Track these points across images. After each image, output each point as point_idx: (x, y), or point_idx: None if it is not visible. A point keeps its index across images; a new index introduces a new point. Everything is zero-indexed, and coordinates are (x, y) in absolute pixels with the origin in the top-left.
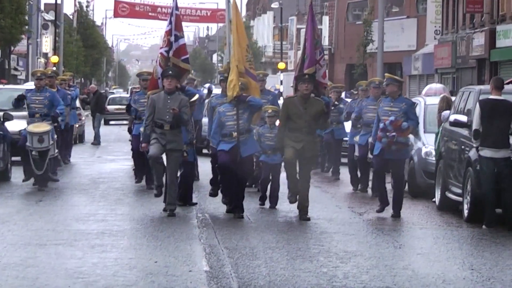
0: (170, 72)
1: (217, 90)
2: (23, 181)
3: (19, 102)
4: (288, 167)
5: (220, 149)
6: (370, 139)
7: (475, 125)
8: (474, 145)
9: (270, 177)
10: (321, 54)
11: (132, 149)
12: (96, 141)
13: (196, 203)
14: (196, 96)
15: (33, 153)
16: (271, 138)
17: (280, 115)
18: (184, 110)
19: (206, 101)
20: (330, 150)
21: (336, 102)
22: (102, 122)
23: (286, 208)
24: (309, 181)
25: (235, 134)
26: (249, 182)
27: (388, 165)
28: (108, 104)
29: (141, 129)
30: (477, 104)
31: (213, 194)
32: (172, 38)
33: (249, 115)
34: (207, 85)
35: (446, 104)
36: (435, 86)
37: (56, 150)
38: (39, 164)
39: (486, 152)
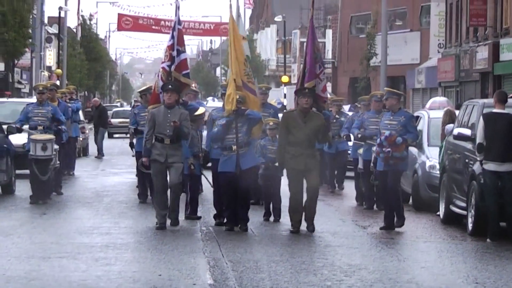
0: (170, 86)
1: (219, 104)
2: (30, 203)
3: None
4: (293, 181)
5: (223, 171)
6: (373, 153)
7: (478, 138)
8: (478, 159)
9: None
10: (321, 68)
11: (137, 167)
12: (100, 155)
13: (200, 217)
14: (202, 110)
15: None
16: (273, 150)
17: (280, 129)
18: (185, 124)
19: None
20: (334, 164)
21: (336, 116)
22: (106, 135)
23: (290, 221)
24: (316, 195)
25: (234, 147)
26: (254, 199)
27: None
28: (112, 117)
29: None
30: (481, 118)
31: (220, 223)
32: (174, 53)
33: (248, 128)
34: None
35: (449, 117)
36: (439, 99)
37: (58, 162)
38: (43, 170)
39: (490, 166)
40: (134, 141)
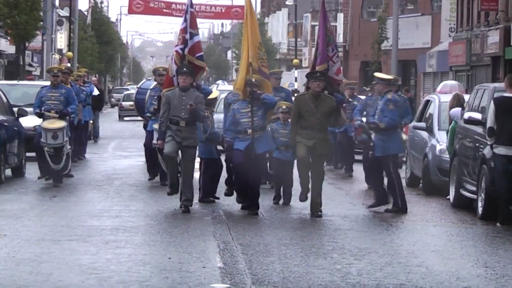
0: (185, 69)
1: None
2: (39, 178)
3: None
4: (300, 165)
5: (235, 148)
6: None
7: (489, 122)
8: (489, 143)
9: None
10: (334, 50)
11: (144, 145)
12: (96, 138)
13: (219, 198)
14: (216, 93)
15: (46, 149)
16: (285, 134)
17: (292, 112)
18: (200, 107)
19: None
20: (343, 147)
21: (349, 99)
22: (117, 117)
23: (300, 205)
24: (322, 178)
25: (249, 131)
26: (263, 179)
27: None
28: (123, 100)
29: (155, 125)
30: (492, 102)
31: (228, 193)
32: (187, 36)
33: (263, 113)
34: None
35: (457, 101)
36: (450, 83)
37: (69, 147)
38: (55, 159)
39: (501, 150)
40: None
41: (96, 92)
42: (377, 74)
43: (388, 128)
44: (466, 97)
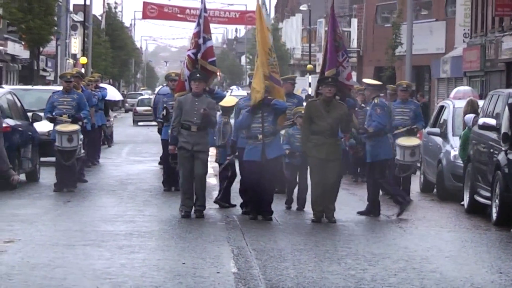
0: (198, 75)
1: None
2: (54, 191)
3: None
4: (314, 171)
5: (249, 160)
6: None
7: (504, 128)
8: (503, 148)
9: (297, 179)
10: (344, 56)
11: (161, 157)
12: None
13: (235, 205)
14: (234, 101)
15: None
16: (300, 139)
17: (303, 118)
18: (212, 113)
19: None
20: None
21: (362, 105)
22: (131, 122)
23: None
24: (338, 184)
25: (260, 136)
26: (278, 187)
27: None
28: (137, 105)
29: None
30: (506, 108)
31: (246, 212)
32: (201, 40)
33: (274, 118)
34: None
35: (471, 107)
36: (463, 88)
37: (83, 151)
38: (68, 161)
39: None
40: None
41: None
42: (365, 80)
43: (376, 132)
44: (480, 102)
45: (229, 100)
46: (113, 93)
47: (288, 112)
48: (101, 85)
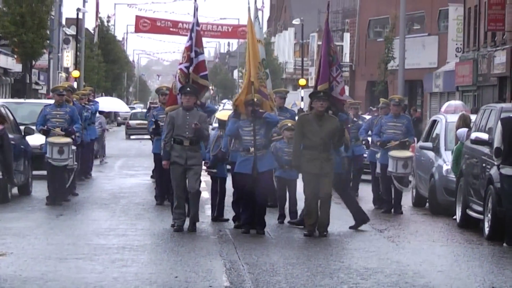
0: (189, 89)
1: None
2: (46, 204)
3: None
4: (310, 202)
5: (240, 172)
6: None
7: (496, 143)
8: (495, 163)
9: (287, 193)
10: (337, 70)
11: (153, 170)
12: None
13: (228, 219)
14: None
15: (55, 163)
16: (289, 153)
17: (295, 132)
18: (204, 126)
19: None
20: (351, 169)
21: (354, 119)
22: (123, 136)
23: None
24: (330, 199)
25: (252, 149)
26: (270, 201)
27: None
28: (130, 119)
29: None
30: (499, 122)
31: (238, 226)
32: (193, 54)
33: (265, 131)
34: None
35: (463, 122)
36: (454, 103)
37: (75, 163)
38: (59, 173)
39: (508, 170)
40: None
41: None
42: (349, 101)
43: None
44: (472, 117)
45: (225, 113)
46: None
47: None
48: (100, 98)
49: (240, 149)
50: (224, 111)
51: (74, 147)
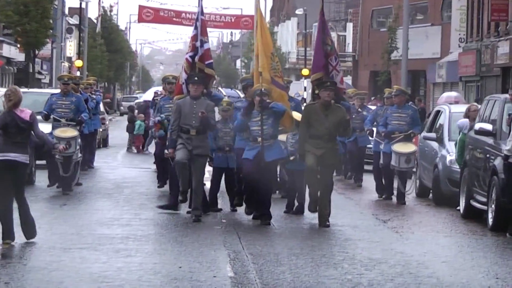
0: (196, 78)
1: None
2: (48, 186)
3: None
4: (309, 174)
5: (244, 158)
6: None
7: None
8: (507, 153)
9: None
10: (336, 60)
11: (154, 154)
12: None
13: (221, 209)
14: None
15: (57, 157)
16: (227, 132)
17: (301, 122)
18: (211, 115)
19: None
20: (353, 157)
21: (359, 109)
22: (125, 126)
23: (311, 214)
24: (331, 188)
25: (259, 139)
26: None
27: None
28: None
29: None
30: None
31: (238, 203)
32: (198, 43)
33: (273, 121)
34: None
35: (472, 113)
36: (454, 94)
37: (80, 155)
38: (65, 167)
39: None
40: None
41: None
42: (354, 90)
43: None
44: (463, 108)
45: (299, 115)
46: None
47: None
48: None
49: (249, 138)
50: (296, 113)
51: (79, 140)
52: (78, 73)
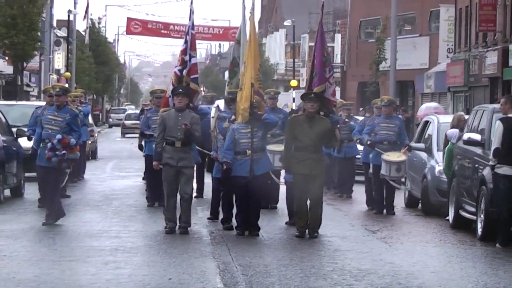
0: (180, 90)
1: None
2: (39, 207)
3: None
4: (295, 187)
5: (235, 175)
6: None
7: (496, 143)
8: (492, 163)
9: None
10: (330, 71)
11: (145, 172)
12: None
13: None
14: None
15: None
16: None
17: (286, 133)
18: (195, 128)
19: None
20: (342, 169)
21: (346, 120)
22: (119, 134)
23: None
24: (321, 201)
25: (249, 152)
26: (263, 203)
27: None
28: (125, 119)
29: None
30: (499, 122)
31: (229, 227)
32: (187, 57)
33: (263, 133)
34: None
35: (457, 122)
36: (433, 105)
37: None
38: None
39: (505, 170)
40: (143, 143)
41: None
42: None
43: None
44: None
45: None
46: None
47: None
48: None
49: (236, 152)
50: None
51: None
52: (66, 85)
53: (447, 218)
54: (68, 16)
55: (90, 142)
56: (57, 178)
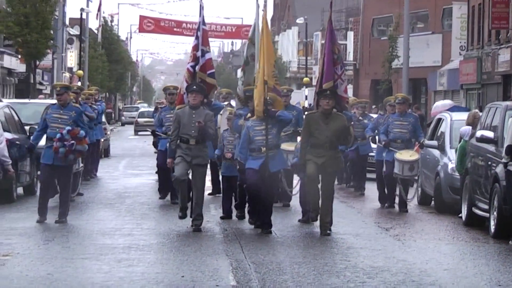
0: (195, 87)
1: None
2: (37, 222)
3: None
4: (310, 183)
5: (248, 167)
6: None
7: (509, 140)
8: (505, 160)
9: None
10: (342, 69)
11: (157, 165)
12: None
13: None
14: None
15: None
16: (233, 142)
17: (302, 131)
18: (209, 125)
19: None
20: (355, 166)
21: (360, 118)
22: (132, 132)
23: (313, 223)
24: (332, 196)
25: (264, 149)
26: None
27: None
28: (138, 117)
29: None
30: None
31: (241, 216)
32: (199, 53)
33: (277, 130)
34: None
35: (472, 119)
36: (448, 102)
37: (81, 165)
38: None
39: None
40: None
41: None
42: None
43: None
44: (458, 115)
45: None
46: None
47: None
48: None
49: (251, 149)
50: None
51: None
52: (79, 83)
53: (460, 215)
54: (81, 14)
55: (103, 140)
56: (65, 177)
